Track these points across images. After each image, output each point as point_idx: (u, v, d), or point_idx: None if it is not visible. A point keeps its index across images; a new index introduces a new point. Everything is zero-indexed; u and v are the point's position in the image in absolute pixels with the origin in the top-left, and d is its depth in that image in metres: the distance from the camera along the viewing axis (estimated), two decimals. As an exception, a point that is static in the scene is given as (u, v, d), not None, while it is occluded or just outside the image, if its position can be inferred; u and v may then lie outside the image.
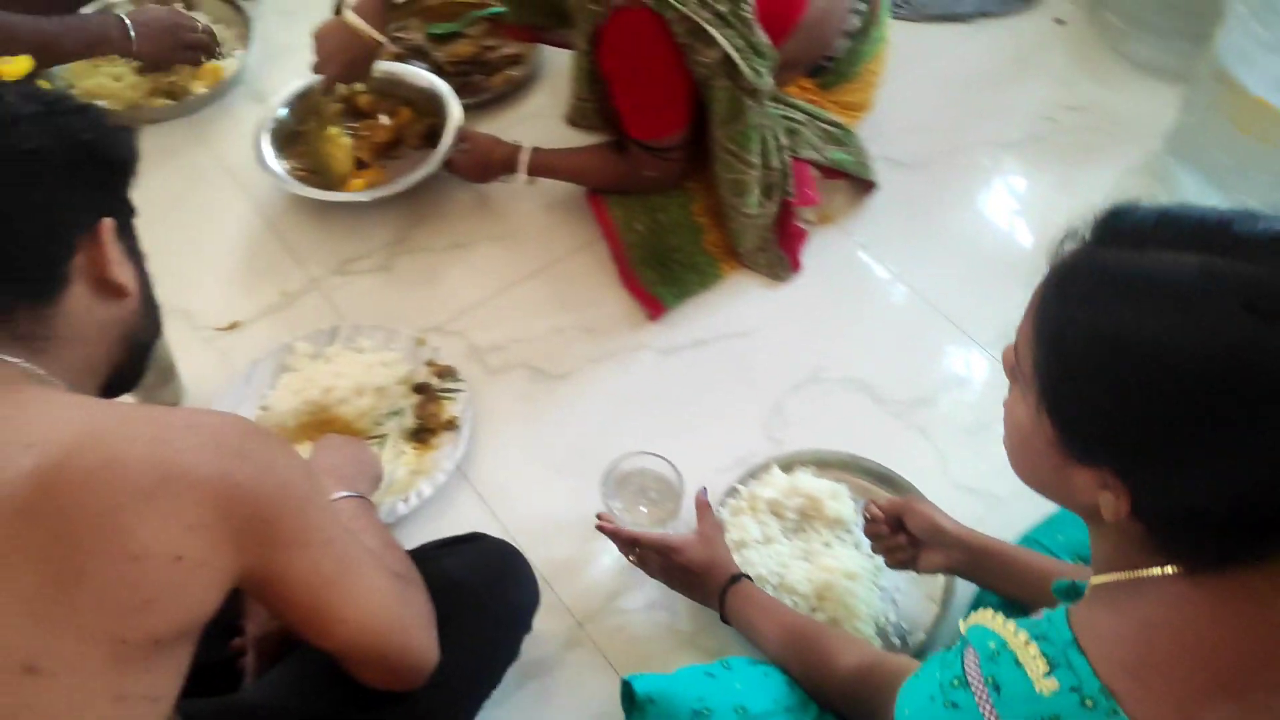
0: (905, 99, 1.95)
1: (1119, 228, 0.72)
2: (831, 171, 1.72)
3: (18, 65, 1.67)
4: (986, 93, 2.01)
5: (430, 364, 1.59)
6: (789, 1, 1.56)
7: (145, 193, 1.85)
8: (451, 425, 1.52)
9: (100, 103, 1.91)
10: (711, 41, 1.44)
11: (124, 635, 0.78)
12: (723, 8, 1.43)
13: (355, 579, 0.95)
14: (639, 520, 1.39)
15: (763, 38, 1.49)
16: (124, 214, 1.00)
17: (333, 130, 1.77)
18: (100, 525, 0.78)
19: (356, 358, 1.56)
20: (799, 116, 1.67)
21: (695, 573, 1.26)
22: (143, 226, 1.77)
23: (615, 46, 1.49)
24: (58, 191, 0.90)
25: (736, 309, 1.68)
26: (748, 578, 1.25)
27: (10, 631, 0.76)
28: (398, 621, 0.99)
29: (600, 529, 1.32)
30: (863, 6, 1.69)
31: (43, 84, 1.65)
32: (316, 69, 1.67)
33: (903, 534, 1.23)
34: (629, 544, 1.31)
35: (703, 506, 1.32)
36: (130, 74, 1.96)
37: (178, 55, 1.96)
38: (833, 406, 1.56)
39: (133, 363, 1.02)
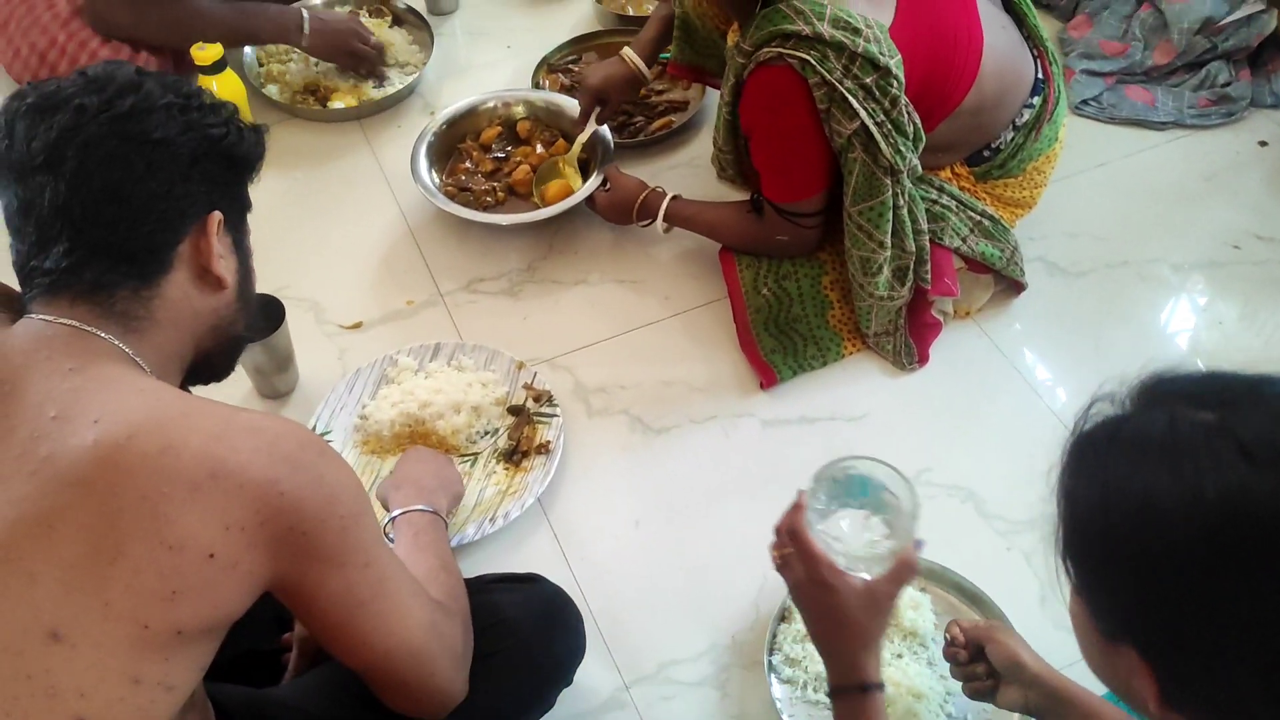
0: (1074, 200, 1.85)
1: (1153, 391, 0.66)
2: (977, 265, 1.64)
3: (210, 52, 1.78)
4: (1167, 208, 1.88)
5: (528, 387, 1.59)
6: (949, 84, 1.50)
7: (307, 186, 1.95)
8: (544, 450, 1.52)
9: (282, 98, 2.01)
10: (852, 113, 1.40)
11: (148, 621, 0.79)
12: (868, 79, 1.39)
13: (389, 605, 0.94)
14: (860, 543, 1.00)
15: (910, 117, 1.43)
16: (237, 209, 1.03)
17: (565, 159, 1.83)
18: (145, 509, 0.80)
19: (456, 375, 1.58)
20: (947, 203, 1.60)
21: (837, 623, 0.99)
22: (296, 217, 1.87)
23: (755, 102, 1.47)
24: (176, 181, 0.93)
25: (851, 391, 1.62)
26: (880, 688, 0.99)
27: (43, 595, 0.78)
28: (425, 652, 0.97)
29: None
30: (1035, 101, 1.61)
31: (206, 84, 1.75)
32: (584, 87, 1.81)
33: (983, 663, 1.14)
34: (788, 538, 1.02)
35: (904, 565, 0.99)
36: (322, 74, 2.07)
37: (342, 61, 2.04)
38: (935, 512, 1.47)
39: (222, 354, 1.05)
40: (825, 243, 1.62)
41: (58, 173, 0.89)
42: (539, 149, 1.89)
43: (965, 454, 1.54)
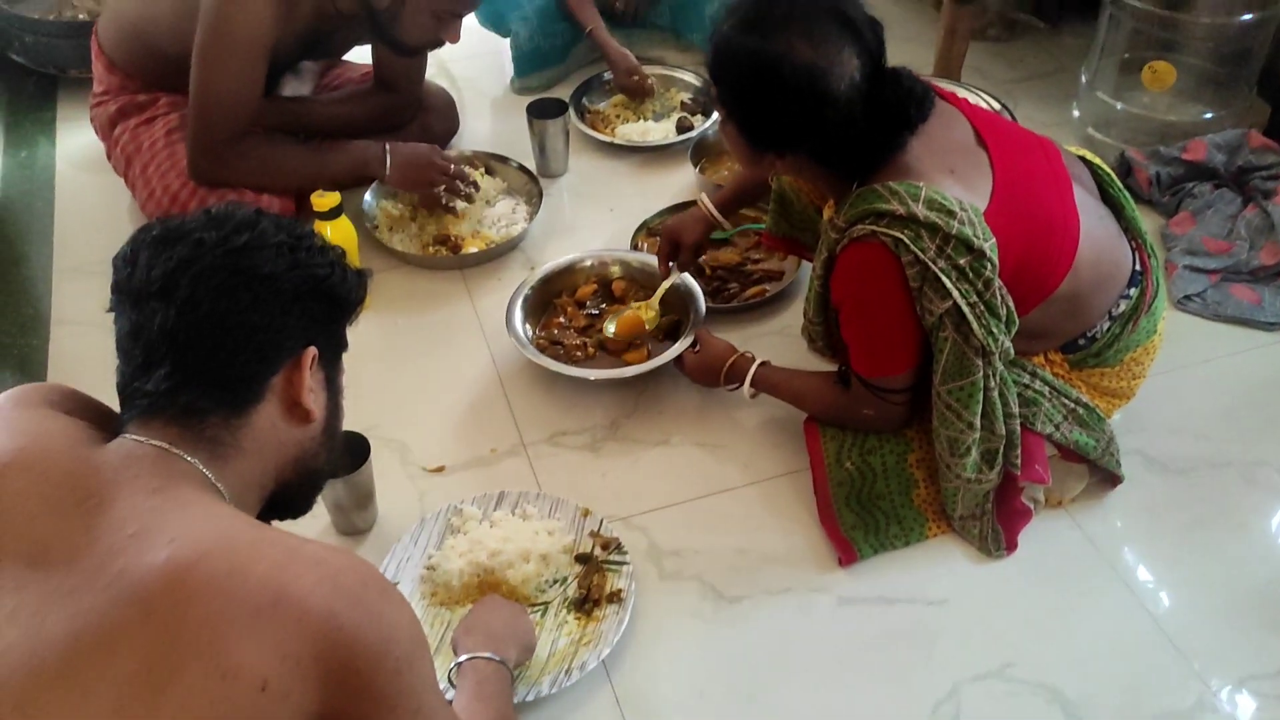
0: (1176, 395, 1.80)
1: None
2: (1070, 454, 1.59)
3: (328, 199, 1.88)
4: (1276, 410, 1.81)
5: (594, 534, 1.58)
6: (1044, 270, 1.49)
7: (406, 329, 2.02)
8: (616, 598, 1.50)
9: (400, 246, 2.11)
10: (945, 292, 1.39)
11: None
12: (962, 260, 1.39)
13: (433, 755, 0.92)
14: None
15: (1004, 299, 1.43)
16: (333, 348, 1.06)
17: (646, 304, 1.88)
18: (205, 632, 0.81)
19: (522, 524, 1.58)
20: (1040, 388, 1.57)
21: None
22: (393, 359, 1.92)
23: (847, 276, 1.47)
24: (278, 315, 0.97)
25: (933, 574, 1.56)
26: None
27: (94, 711, 0.79)
28: None
29: None
30: (1132, 292, 1.59)
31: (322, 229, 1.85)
32: (660, 230, 1.91)
33: None
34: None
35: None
36: (423, 226, 2.16)
37: (424, 190, 2.12)
38: (1016, 709, 1.40)
39: (301, 488, 1.07)
40: (912, 420, 1.60)
41: (170, 300, 0.94)
42: (633, 305, 1.92)
43: (1052, 651, 1.46)
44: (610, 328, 1.88)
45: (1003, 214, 1.43)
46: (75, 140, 2.46)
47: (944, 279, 1.38)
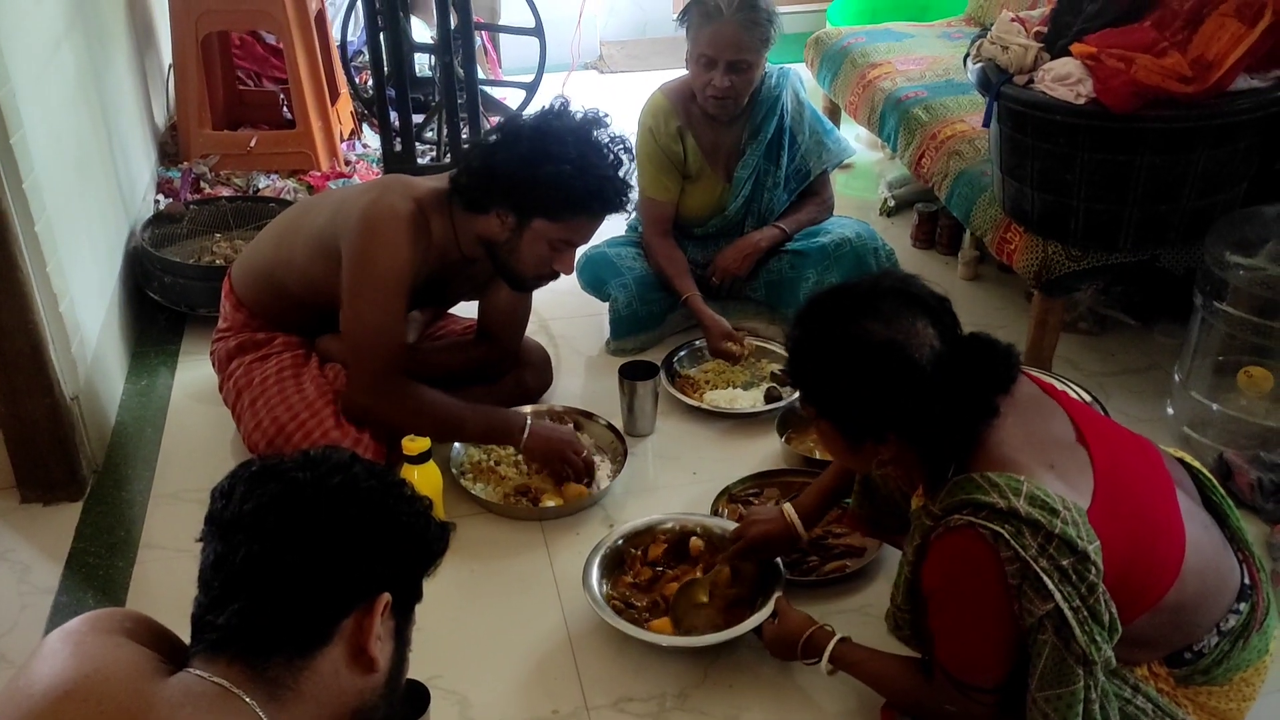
0: (1288, 716, 1.67)
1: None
2: (1174, 779, 1.46)
3: (419, 444, 1.93)
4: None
5: None
6: (1151, 576, 1.42)
7: (480, 578, 2.00)
8: None
9: (483, 494, 2.14)
10: (1047, 594, 1.32)
11: None
12: (1065, 561, 1.33)
13: None
14: None
15: (1107, 605, 1.36)
16: (408, 596, 1.06)
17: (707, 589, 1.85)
18: None
19: None
20: (1143, 704, 1.45)
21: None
22: (463, 607, 1.90)
23: (942, 567, 1.42)
24: (358, 559, 0.99)
25: None
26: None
27: None
28: None
29: None
30: (1242, 607, 1.51)
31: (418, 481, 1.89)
32: (744, 535, 1.85)
33: None
34: None
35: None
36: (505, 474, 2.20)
37: (553, 468, 2.17)
38: None
39: None
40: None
41: (256, 534, 0.96)
42: (700, 572, 1.89)
43: None
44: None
45: (1106, 515, 1.38)
46: (193, 373, 2.61)
47: (1046, 579, 1.32)
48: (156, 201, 3.16)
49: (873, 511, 1.82)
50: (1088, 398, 2.19)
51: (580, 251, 2.23)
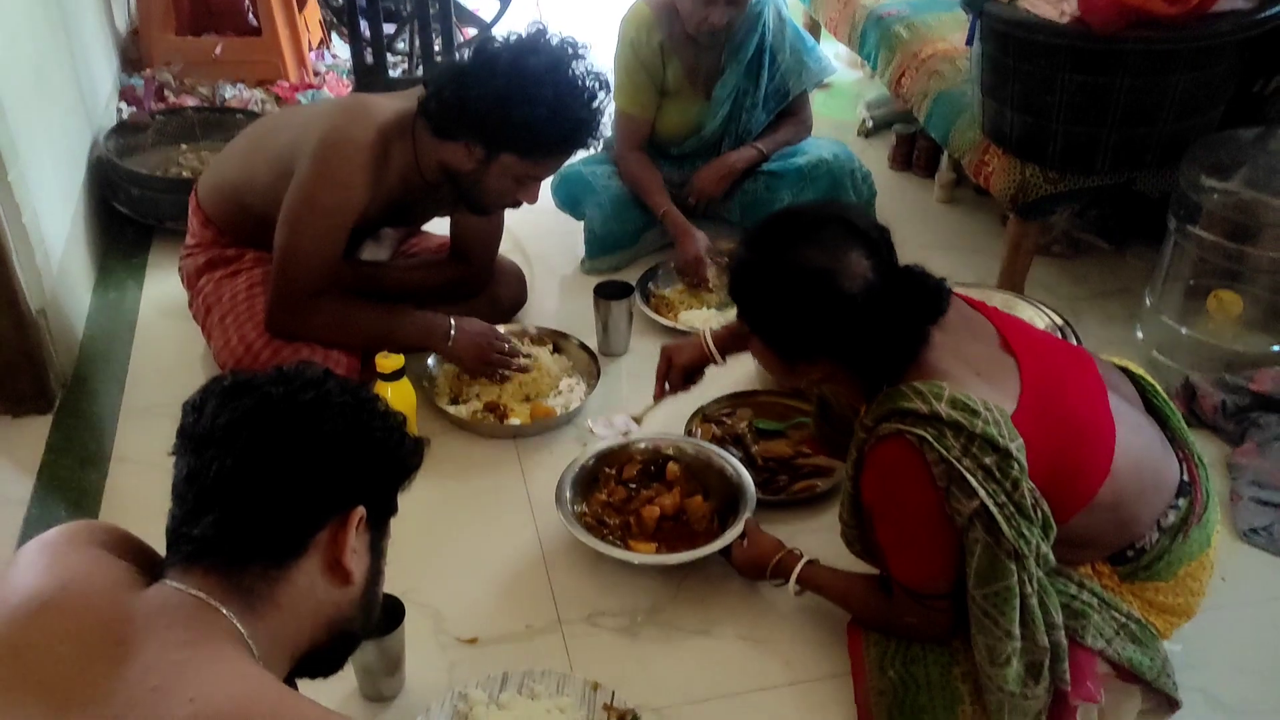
0: (1241, 632, 1.72)
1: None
2: (1126, 673, 1.51)
3: (392, 361, 1.93)
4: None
5: (608, 708, 1.54)
6: (1080, 476, 1.46)
7: (453, 495, 2.01)
8: None
9: (457, 411, 2.14)
10: (971, 491, 1.37)
11: None
12: (987, 460, 1.37)
13: None
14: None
15: (1038, 503, 1.40)
16: (382, 512, 1.06)
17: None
18: None
19: (531, 704, 1.53)
20: (1088, 599, 1.50)
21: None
22: (437, 524, 1.91)
23: (875, 476, 1.47)
24: (331, 473, 0.98)
25: (979, 804, 1.47)
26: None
27: None
28: None
29: None
30: (1181, 503, 1.55)
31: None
32: (665, 354, 1.95)
33: None
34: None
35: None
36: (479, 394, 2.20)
37: (478, 368, 2.19)
38: None
39: (333, 650, 1.05)
40: (959, 630, 1.54)
41: (229, 448, 0.96)
42: (676, 496, 1.90)
43: None
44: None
45: (1032, 417, 1.43)
46: (161, 287, 2.57)
47: (970, 478, 1.37)
48: (119, 110, 3.08)
49: (831, 432, 1.85)
50: (1059, 321, 2.20)
51: (556, 169, 2.21)
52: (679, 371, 1.95)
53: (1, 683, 0.85)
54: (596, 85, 1.97)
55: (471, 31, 3.66)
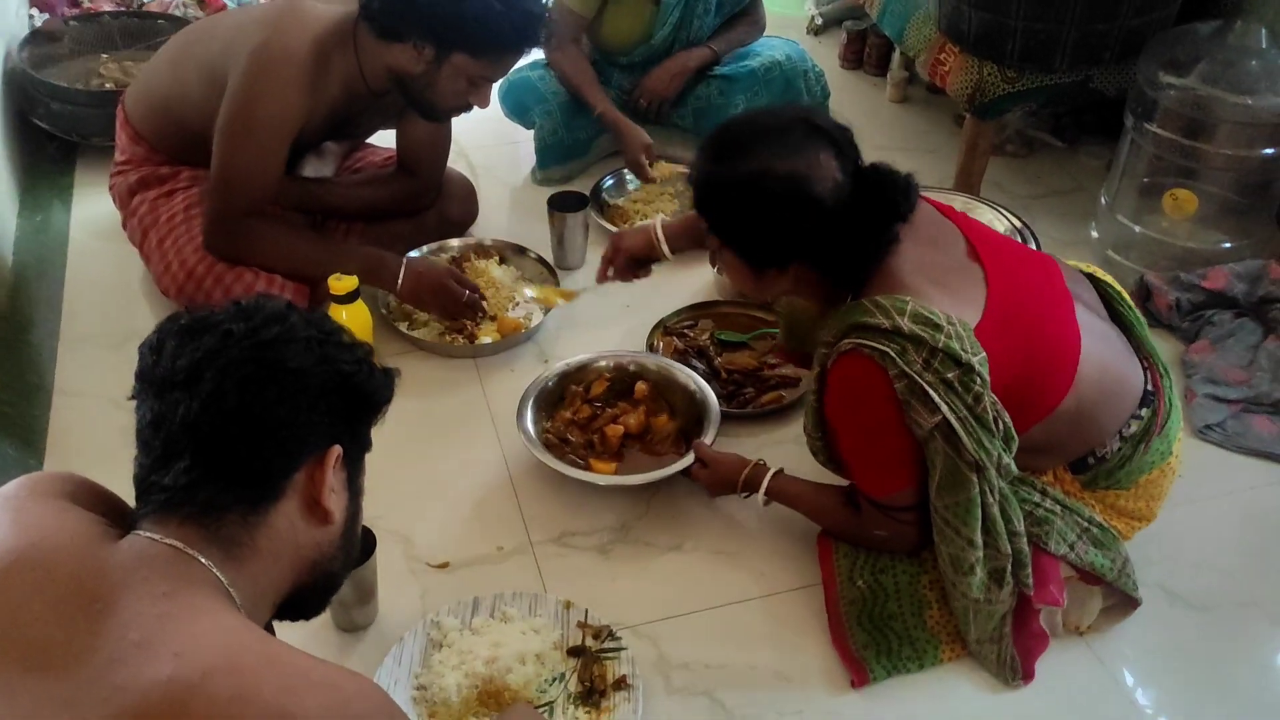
0: (1198, 527, 1.76)
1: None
2: (1089, 576, 1.54)
3: (346, 283, 1.86)
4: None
5: (582, 625, 1.55)
6: (1044, 387, 1.47)
7: (415, 417, 1.97)
8: (622, 684, 1.46)
9: (416, 333, 2.09)
10: (933, 406, 1.37)
11: None
12: (950, 374, 1.37)
13: None
14: None
15: (999, 415, 1.41)
16: (357, 448, 1.03)
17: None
18: None
19: (505, 627, 1.53)
20: (1051, 506, 1.53)
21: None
22: (400, 447, 1.87)
23: (837, 390, 1.46)
24: (303, 410, 0.94)
25: (947, 701, 1.50)
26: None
27: None
28: None
29: None
30: (1144, 413, 1.56)
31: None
32: (612, 242, 1.92)
33: None
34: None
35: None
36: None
37: (432, 312, 2.09)
38: None
39: (316, 591, 1.03)
40: (928, 542, 1.55)
41: (194, 391, 0.91)
42: (641, 415, 1.88)
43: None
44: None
45: (995, 329, 1.43)
46: (92, 208, 2.46)
47: (932, 392, 1.37)
48: (30, 17, 2.90)
49: (798, 344, 1.84)
50: (1017, 223, 2.19)
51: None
52: (624, 256, 1.91)
53: None
54: None
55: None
